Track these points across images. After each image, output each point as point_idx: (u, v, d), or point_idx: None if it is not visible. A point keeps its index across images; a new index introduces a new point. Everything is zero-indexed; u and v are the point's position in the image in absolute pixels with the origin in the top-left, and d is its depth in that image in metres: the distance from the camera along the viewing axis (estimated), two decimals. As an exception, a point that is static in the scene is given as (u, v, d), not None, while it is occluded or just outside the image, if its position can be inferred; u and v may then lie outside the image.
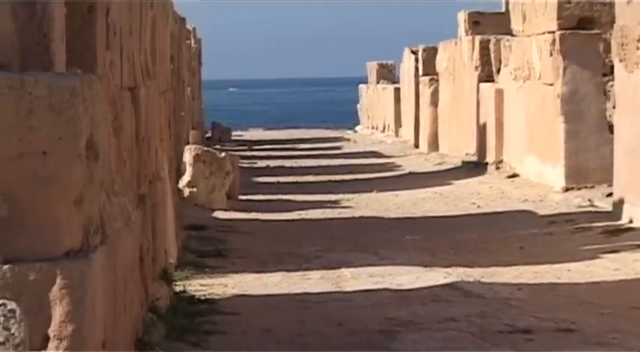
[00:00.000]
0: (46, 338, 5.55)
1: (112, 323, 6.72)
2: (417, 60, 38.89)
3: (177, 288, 12.77)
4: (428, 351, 10.43)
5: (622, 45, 18.68)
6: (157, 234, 11.72)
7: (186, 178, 20.88)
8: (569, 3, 23.11)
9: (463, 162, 30.16)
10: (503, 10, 30.04)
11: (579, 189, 21.84)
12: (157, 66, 12.32)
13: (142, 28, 10.62)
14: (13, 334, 4.80)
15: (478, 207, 21.95)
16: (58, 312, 5.58)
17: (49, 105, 5.67)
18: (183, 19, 24.08)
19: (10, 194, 5.62)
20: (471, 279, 13.99)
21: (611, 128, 20.46)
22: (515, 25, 26.83)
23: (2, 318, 4.82)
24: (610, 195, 19.72)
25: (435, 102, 36.58)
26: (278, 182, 28.09)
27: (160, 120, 12.65)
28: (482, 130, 29.30)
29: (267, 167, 33.00)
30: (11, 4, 6.09)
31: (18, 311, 4.85)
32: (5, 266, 5.52)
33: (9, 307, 4.86)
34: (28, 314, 4.99)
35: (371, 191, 25.21)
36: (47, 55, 6.33)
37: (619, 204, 18.67)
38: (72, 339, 5.60)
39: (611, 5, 20.02)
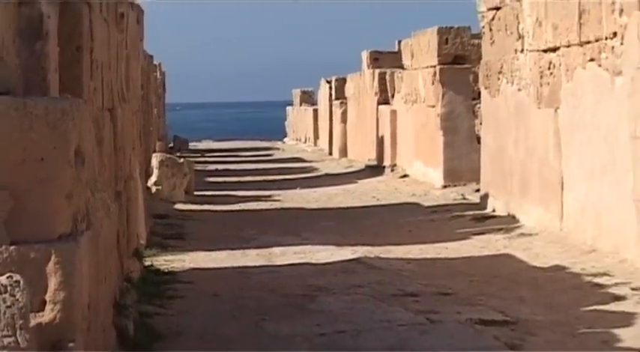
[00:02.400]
0: (44, 303, 5.54)
1: (95, 290, 6.72)
2: (330, 87, 38.82)
3: (147, 263, 12.72)
4: (339, 310, 10.49)
5: (487, 76, 18.86)
6: (131, 222, 11.68)
7: (153, 178, 20.80)
8: (447, 44, 23.23)
9: (366, 165, 30.11)
10: (396, 49, 30.09)
11: (454, 186, 21.90)
12: (130, 92, 12.29)
13: (118, 63, 10.60)
14: (18, 299, 4.81)
15: (377, 200, 21.90)
16: (52, 282, 5.57)
17: (46, 122, 5.67)
18: (151, 56, 24.00)
19: (15, 191, 5.61)
20: (372, 255, 13.96)
21: (478, 139, 20.56)
22: (406, 61, 26.94)
23: (9, 287, 4.82)
24: (477, 190, 19.82)
25: (344, 120, 36.57)
26: (224, 181, 27.96)
27: (132, 133, 12.61)
28: (380, 141, 29.35)
29: (216, 170, 32.82)
30: (16, 45, 6.12)
31: (21, 282, 4.87)
32: (11, 247, 5.51)
33: (14, 278, 4.87)
34: (29, 284, 4.99)
35: (295, 188, 25.19)
36: (44, 84, 6.34)
37: (484, 198, 18.84)
38: (63, 303, 5.59)
39: (479, 46, 20.14)
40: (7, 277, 4.87)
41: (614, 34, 13.15)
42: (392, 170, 27.30)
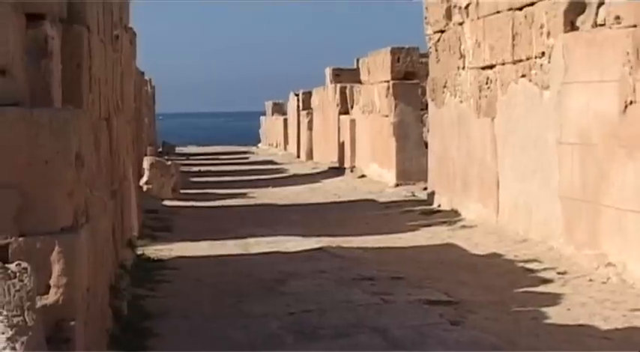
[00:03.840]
0: (48, 287, 5.52)
1: (94, 275, 6.71)
2: (298, 100, 38.79)
3: (138, 252, 12.70)
4: (305, 292, 10.50)
5: (433, 90, 18.90)
6: (124, 216, 11.65)
7: (144, 178, 20.73)
8: (398, 62, 23.27)
9: (329, 167, 30.10)
10: (355, 66, 30.12)
11: (405, 185, 21.94)
12: (124, 103, 12.25)
13: (113, 78, 10.56)
14: (26, 284, 4.79)
15: (339, 197, 21.89)
16: (56, 269, 5.55)
17: (50, 130, 5.65)
18: (142, 73, 23.88)
19: (23, 189, 5.59)
20: (334, 245, 13.95)
21: (426, 145, 20.58)
22: (363, 76, 26.96)
23: (18, 273, 4.80)
24: (425, 189, 19.86)
25: (310, 127, 36.55)
26: (206, 181, 27.89)
27: (126, 139, 12.57)
28: (341, 146, 29.36)
29: (199, 171, 32.75)
30: (24, 62, 6.10)
31: (29, 269, 4.85)
32: (20, 238, 5.49)
33: (22, 266, 4.85)
34: (35, 271, 4.96)
35: (267, 187, 25.17)
36: (48, 96, 6.32)
37: (431, 195, 18.87)
38: (66, 287, 5.57)
39: (426, 64, 20.18)
40: (16, 264, 4.85)
41: (543, 53, 13.23)
42: (351, 171, 27.31)
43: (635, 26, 10.46)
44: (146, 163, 21.16)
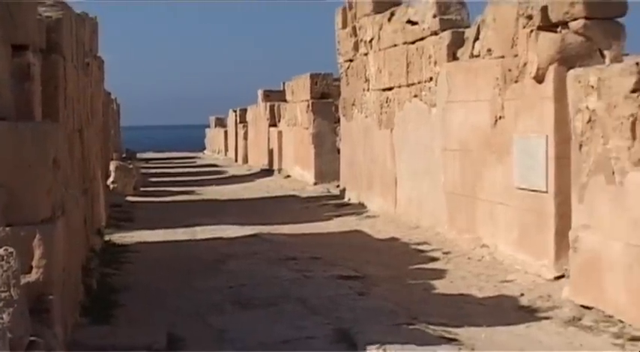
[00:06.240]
0: (31, 267, 5.47)
1: (68, 258, 6.64)
2: (236, 115, 38.57)
3: (106, 238, 12.54)
4: (241, 270, 10.46)
5: (344, 107, 18.95)
6: (94, 209, 11.53)
7: (111, 178, 20.47)
8: (316, 85, 23.24)
9: (261, 169, 29.98)
10: (282, 88, 30.05)
11: (322, 183, 21.93)
12: (94, 118, 12.13)
13: (85, 98, 10.45)
14: (12, 265, 4.72)
15: (269, 193, 21.76)
16: (37, 253, 5.50)
17: (32, 140, 5.60)
18: (109, 93, 23.60)
19: (10, 188, 5.53)
20: (265, 232, 13.91)
21: (338, 151, 20.62)
22: (289, 96, 26.91)
23: (5, 257, 4.73)
24: (338, 186, 19.90)
25: (246, 137, 36.40)
26: (161, 181, 27.65)
27: (95, 147, 12.44)
28: (270, 152, 29.27)
29: (156, 173, 32.48)
30: (11, 84, 6.02)
31: (14, 253, 4.78)
32: (7, 228, 5.42)
33: (9, 250, 4.78)
34: (20, 254, 4.91)
35: (211, 185, 25.06)
36: (31, 112, 6.27)
37: (343, 191, 18.91)
38: (45, 268, 5.52)
39: (339, 86, 20.16)
40: (4, 249, 4.77)
41: (431, 78, 13.35)
42: (279, 172, 27.27)
43: (503, 57, 10.60)
44: (112, 166, 20.88)
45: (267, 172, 28.42)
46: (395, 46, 15.08)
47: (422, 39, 13.74)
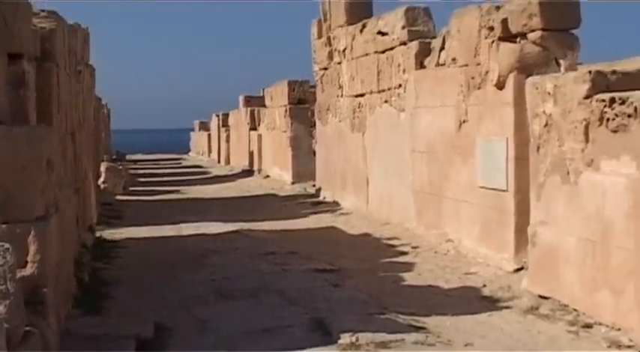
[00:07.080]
0: (26, 262, 5.45)
1: (61, 253, 6.61)
2: (219, 119, 38.44)
3: (97, 235, 12.48)
4: (224, 263, 10.43)
5: (320, 112, 18.95)
6: (86, 207, 11.46)
7: (102, 179, 20.35)
8: (294, 91, 23.23)
9: (242, 170, 29.92)
10: (262, 94, 29.97)
11: (299, 183, 21.92)
12: (86, 122, 12.06)
13: (77, 103, 10.39)
14: (8, 260, 4.70)
15: (249, 192, 21.71)
16: (32, 248, 5.48)
17: (27, 142, 5.58)
18: (100, 98, 23.46)
19: (6, 188, 5.50)
20: (246, 228, 13.86)
21: (314, 153, 20.64)
22: (268, 102, 26.84)
23: (2, 252, 4.71)
24: (314, 185, 19.91)
25: (228, 140, 36.29)
26: (149, 181, 27.54)
27: (87, 149, 12.37)
28: (251, 154, 29.21)
29: (144, 173, 32.33)
30: (6, 91, 5.99)
31: (10, 248, 4.76)
32: (3, 225, 5.41)
33: (5, 246, 4.76)
34: (16, 250, 4.89)
35: (195, 185, 24.95)
36: (26, 117, 6.23)
37: (318, 190, 18.91)
38: (39, 262, 5.50)
39: (314, 92, 20.17)
40: (0, 245, 4.75)
41: (400, 85, 13.38)
42: (259, 172, 27.21)
43: (466, 65, 10.65)
44: (103, 167, 20.75)
45: (248, 173, 28.37)
46: (366, 55, 15.10)
47: (391, 49, 13.77)
